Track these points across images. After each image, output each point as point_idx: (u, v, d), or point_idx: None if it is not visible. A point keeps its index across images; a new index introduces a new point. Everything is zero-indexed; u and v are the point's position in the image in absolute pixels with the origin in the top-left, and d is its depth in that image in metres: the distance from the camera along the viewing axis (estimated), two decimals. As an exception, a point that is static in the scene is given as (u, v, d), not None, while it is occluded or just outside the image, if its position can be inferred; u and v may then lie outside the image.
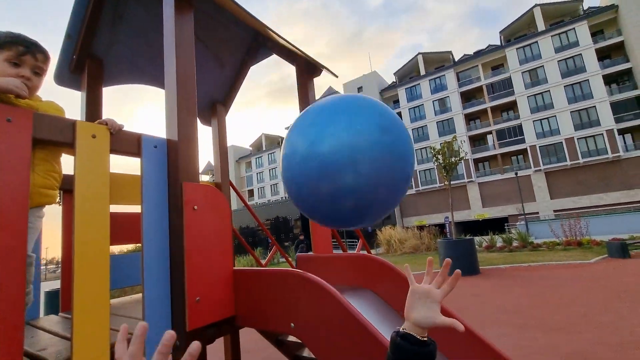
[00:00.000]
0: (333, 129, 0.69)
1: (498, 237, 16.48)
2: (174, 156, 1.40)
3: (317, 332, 1.15)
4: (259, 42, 2.63)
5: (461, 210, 41.24)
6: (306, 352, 2.55)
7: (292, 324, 1.23)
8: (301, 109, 2.44)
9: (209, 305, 1.33)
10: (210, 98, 2.80)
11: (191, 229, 1.33)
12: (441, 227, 38.62)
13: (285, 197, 49.59)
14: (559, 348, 3.89)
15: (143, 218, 1.31)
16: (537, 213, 35.42)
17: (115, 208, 1.98)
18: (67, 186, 1.55)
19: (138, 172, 1.41)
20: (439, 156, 10.31)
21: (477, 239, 17.18)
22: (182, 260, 1.29)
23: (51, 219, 1.70)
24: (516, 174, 28.09)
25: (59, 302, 1.96)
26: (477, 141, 42.23)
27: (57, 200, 1.42)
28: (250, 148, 61.89)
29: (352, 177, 0.67)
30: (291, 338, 2.45)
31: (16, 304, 0.98)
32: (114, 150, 1.29)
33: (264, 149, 57.64)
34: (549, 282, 7.45)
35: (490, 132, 40.47)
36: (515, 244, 14.71)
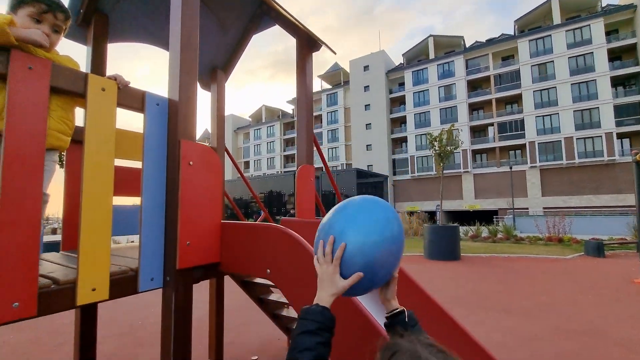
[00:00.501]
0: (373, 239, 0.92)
1: (484, 227, 16.96)
2: (174, 115, 1.53)
3: (288, 276, 1.34)
4: (263, 11, 2.68)
5: (453, 200, 41.89)
6: (285, 312, 2.80)
7: (268, 270, 1.42)
8: (299, 81, 2.54)
9: (197, 250, 1.51)
10: (211, 63, 2.88)
11: (186, 182, 1.49)
12: (432, 214, 39.44)
13: (280, 172, 49.75)
14: (518, 330, 4.22)
15: (143, 168, 1.47)
16: (527, 209, 36.13)
17: (116, 163, 2.12)
18: (75, 137, 1.68)
19: (136, 132, 1.55)
20: (436, 143, 10.42)
21: (464, 228, 17.68)
22: (177, 209, 1.46)
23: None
24: (510, 167, 28.37)
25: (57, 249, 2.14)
26: (478, 132, 42.20)
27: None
28: (250, 119, 61.24)
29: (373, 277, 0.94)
30: (272, 297, 2.69)
31: (34, 236, 1.14)
32: (121, 104, 1.42)
33: (263, 120, 57.10)
34: (523, 273, 7.83)
35: (492, 124, 40.39)
36: (500, 235, 15.18)
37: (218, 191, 1.61)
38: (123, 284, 1.37)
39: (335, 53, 2.57)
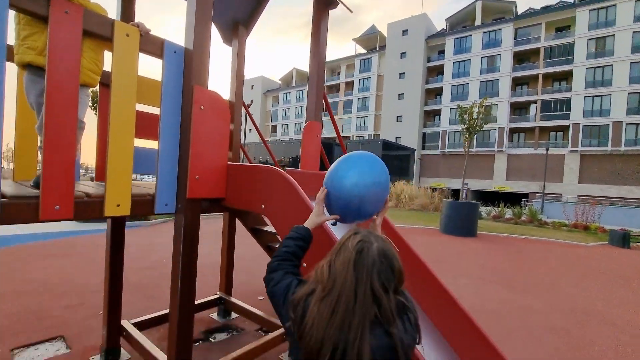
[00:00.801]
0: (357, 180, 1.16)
1: (509, 209, 16.54)
2: (189, 62, 1.70)
3: (278, 210, 1.55)
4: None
5: (483, 179, 40.49)
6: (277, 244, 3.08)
7: (263, 205, 1.64)
8: (313, 39, 2.61)
9: (205, 183, 1.75)
10: (232, 17, 2.98)
11: (197, 124, 1.69)
12: (457, 192, 38.53)
13: (308, 137, 49.85)
14: (514, 302, 4.35)
15: (161, 109, 1.68)
16: (560, 195, 34.38)
17: (138, 108, 2.36)
18: (104, 80, 1.90)
19: (157, 80, 1.74)
20: (466, 116, 10.01)
21: (487, 208, 17.33)
22: (188, 147, 1.68)
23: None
24: (547, 149, 26.71)
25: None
26: (519, 110, 39.52)
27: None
28: (280, 82, 60.58)
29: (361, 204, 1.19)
30: (266, 229, 2.90)
31: (71, 153, 1.40)
32: (142, 49, 1.61)
33: (293, 84, 56.31)
34: (536, 254, 7.77)
35: (534, 102, 37.58)
36: (523, 218, 14.80)
37: (225, 135, 1.81)
38: (142, 205, 1.65)
39: (351, 11, 2.58)
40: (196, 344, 2.78)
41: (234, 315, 3.32)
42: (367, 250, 0.86)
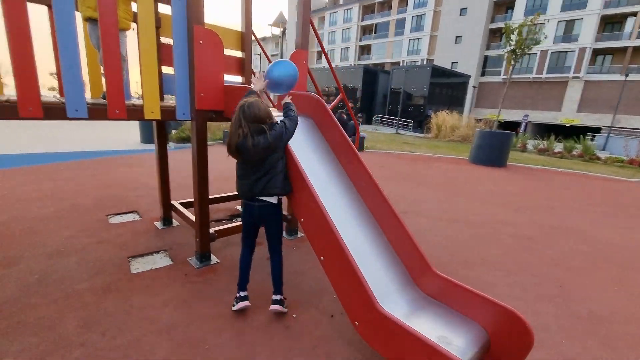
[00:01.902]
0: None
1: (560, 142, 15.43)
2: (189, 6, 2.32)
3: (250, 117, 2.29)
4: None
5: (548, 111, 36.39)
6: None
7: (244, 115, 2.37)
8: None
9: (208, 99, 2.50)
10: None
11: (198, 54, 2.37)
12: (516, 125, 35.35)
13: (354, 64, 47.34)
14: (496, 216, 4.86)
15: (174, 45, 2.37)
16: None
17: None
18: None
19: (172, 16, 2.38)
20: (513, 36, 9.11)
21: (535, 141, 16.28)
22: (193, 72, 2.40)
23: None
24: (626, 75, 22.75)
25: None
26: (611, 24, 32.80)
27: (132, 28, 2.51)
28: (327, 0, 55.72)
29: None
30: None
31: (119, 77, 2.20)
32: (156, 1, 2.24)
33: (341, 2, 51.67)
34: (560, 185, 7.75)
35: (634, 14, 30.72)
36: (575, 152, 13.87)
37: (220, 62, 2.48)
38: (168, 113, 2.48)
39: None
40: (222, 221, 3.91)
41: (253, 207, 4.38)
42: (243, 103, 1.91)
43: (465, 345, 1.72)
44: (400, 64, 41.94)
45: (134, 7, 2.36)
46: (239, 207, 4.41)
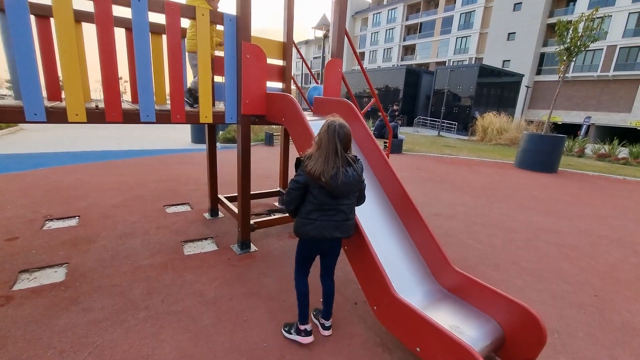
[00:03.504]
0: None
1: (625, 147, 13.99)
2: (239, 26, 2.67)
3: (289, 120, 2.57)
4: None
5: (617, 113, 32.86)
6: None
7: (283, 118, 2.67)
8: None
9: (252, 105, 2.84)
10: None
11: (245, 67, 2.72)
12: (576, 127, 32.34)
13: (397, 65, 46.51)
14: (537, 224, 4.68)
15: (225, 58, 2.74)
16: None
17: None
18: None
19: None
20: (567, 33, 8.51)
21: (595, 145, 14.91)
22: (241, 82, 2.75)
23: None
24: None
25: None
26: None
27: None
28: (370, 0, 55.35)
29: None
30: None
31: (180, 89, 2.60)
32: (212, 22, 2.62)
33: (385, 2, 51.07)
34: (618, 193, 7.13)
35: None
36: (643, 158, 12.50)
37: (263, 74, 2.80)
38: (219, 117, 2.85)
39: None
40: (261, 215, 4.27)
41: (290, 204, 4.71)
42: (332, 122, 1.74)
43: (477, 336, 1.84)
44: (446, 64, 40.44)
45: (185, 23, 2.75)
46: (277, 204, 4.76)
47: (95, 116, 2.37)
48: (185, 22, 2.72)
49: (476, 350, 1.74)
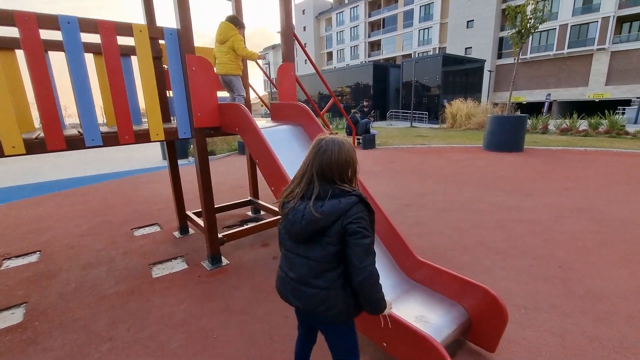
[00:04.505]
0: None
1: (584, 120, 14.73)
2: (180, 39, 2.61)
3: (242, 129, 2.54)
4: None
5: (575, 87, 34.60)
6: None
7: (237, 129, 2.63)
8: (282, -8, 3.19)
9: (205, 118, 2.78)
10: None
11: (192, 79, 2.66)
12: (541, 105, 33.79)
13: (365, 61, 47.12)
14: (502, 203, 4.84)
15: (170, 73, 2.68)
16: (682, 97, 27.83)
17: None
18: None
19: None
20: (518, 16, 8.86)
21: (557, 121, 15.63)
22: (189, 95, 2.69)
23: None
24: None
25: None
26: (635, -10, 30.76)
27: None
28: (332, 0, 55.84)
29: None
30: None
31: (126, 109, 2.52)
32: (151, 37, 2.55)
33: (346, 1, 51.66)
34: (584, 166, 7.44)
35: (660, -24, 28.68)
36: (601, 129, 13.21)
37: (212, 85, 2.76)
38: (171, 133, 2.78)
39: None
40: (233, 227, 4.20)
41: (262, 212, 4.66)
42: (320, 142, 1.20)
43: (443, 323, 1.87)
44: (412, 56, 41.34)
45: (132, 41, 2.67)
46: (250, 213, 4.70)
47: (35, 146, 2.25)
48: (125, 40, 2.63)
49: (442, 337, 1.78)
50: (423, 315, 1.93)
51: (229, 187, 6.38)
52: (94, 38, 2.44)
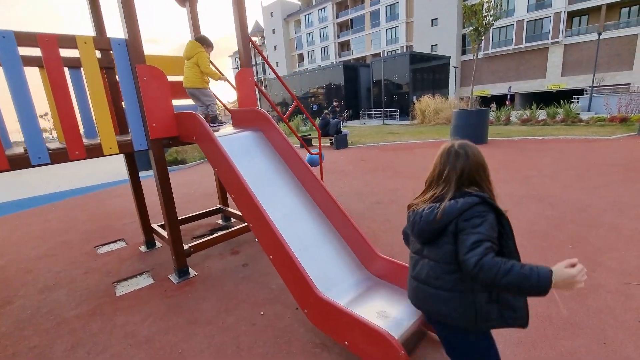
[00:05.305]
0: None
1: (542, 110, 15.60)
2: (130, 49, 2.54)
3: (199, 137, 2.50)
4: None
5: (533, 79, 36.53)
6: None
7: (195, 137, 2.59)
8: (236, -2, 3.17)
9: (160, 128, 2.72)
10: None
11: (144, 90, 2.60)
12: (505, 98, 35.43)
13: (336, 62, 47.55)
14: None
15: (120, 84, 2.60)
16: (628, 85, 30.07)
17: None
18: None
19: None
20: (475, 14, 9.27)
21: (518, 112, 16.45)
22: (142, 105, 2.63)
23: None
24: (599, 34, 22.88)
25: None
26: (581, -14, 32.95)
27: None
28: (299, 2, 55.97)
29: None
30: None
31: (74, 123, 2.42)
32: (97, 48, 2.47)
33: (313, 2, 51.92)
34: (542, 154, 7.85)
35: (603, -28, 30.84)
36: (558, 118, 14.03)
37: (166, 95, 2.70)
38: (126, 146, 2.70)
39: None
40: (202, 237, 4.13)
41: (233, 220, 4.60)
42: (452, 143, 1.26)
43: (402, 316, 1.93)
44: (381, 55, 42.13)
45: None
46: (220, 221, 4.63)
47: (-27, 167, 2.12)
48: (69, 53, 2.53)
49: (401, 330, 1.83)
50: (384, 310, 1.98)
51: (200, 195, 6.25)
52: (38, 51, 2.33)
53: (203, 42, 3.19)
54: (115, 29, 2.94)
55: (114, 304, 2.75)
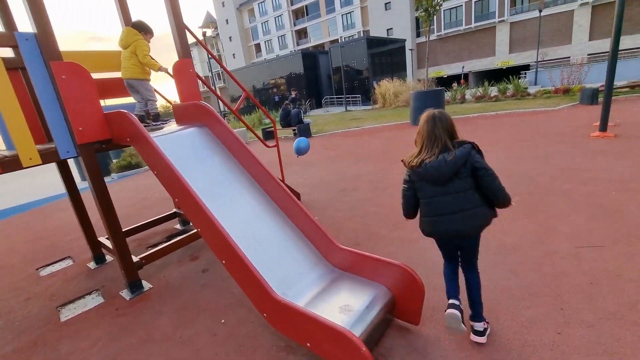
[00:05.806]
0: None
1: (494, 87, 16.34)
2: (41, 44, 2.21)
3: (133, 138, 2.26)
4: None
5: (484, 58, 38.18)
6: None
7: (129, 139, 2.34)
8: (165, -18, 2.88)
9: (89, 132, 2.43)
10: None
11: (64, 89, 2.28)
12: (457, 78, 36.80)
13: (294, 50, 46.69)
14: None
15: (35, 85, 2.27)
16: (569, 58, 32.32)
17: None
18: None
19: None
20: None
21: (472, 90, 17.12)
22: (64, 107, 2.32)
23: None
24: (540, 10, 24.25)
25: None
26: (522, -34, 34.57)
27: None
28: (252, -11, 53.85)
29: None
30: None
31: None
32: (2, 45, 2.12)
33: (267, -11, 50.24)
34: (494, 129, 8.24)
35: (539, -48, 32.49)
36: (508, 93, 14.75)
37: (92, 94, 2.40)
38: (49, 155, 2.39)
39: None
40: (158, 245, 3.86)
41: (191, 224, 4.34)
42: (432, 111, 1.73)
43: (366, 308, 1.88)
44: (339, 41, 41.93)
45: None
46: (178, 226, 4.36)
47: None
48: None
49: (365, 324, 1.77)
50: (347, 304, 1.91)
51: (157, 200, 5.87)
52: None
53: (141, 29, 2.87)
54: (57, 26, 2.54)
55: (58, 331, 2.47)
